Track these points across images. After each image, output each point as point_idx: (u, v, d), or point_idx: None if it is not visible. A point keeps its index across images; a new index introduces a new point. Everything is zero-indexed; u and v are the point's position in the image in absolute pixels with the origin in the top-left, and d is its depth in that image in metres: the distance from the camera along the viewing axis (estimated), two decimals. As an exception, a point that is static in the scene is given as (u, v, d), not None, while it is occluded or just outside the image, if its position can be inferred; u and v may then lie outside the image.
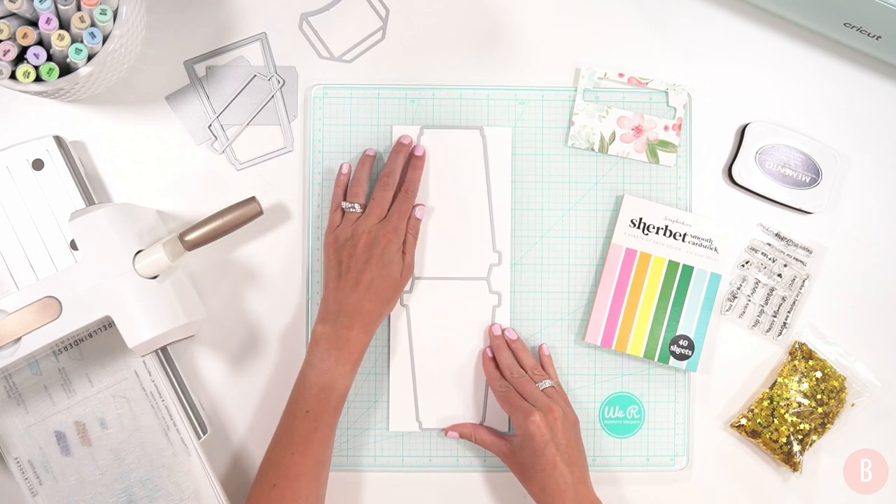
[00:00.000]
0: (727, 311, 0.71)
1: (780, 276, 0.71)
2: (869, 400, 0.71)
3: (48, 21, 0.59)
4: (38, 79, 0.60)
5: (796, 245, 0.71)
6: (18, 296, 0.58)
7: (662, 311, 0.70)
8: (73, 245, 0.66)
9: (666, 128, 0.71)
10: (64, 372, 0.66)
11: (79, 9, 0.60)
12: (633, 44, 0.72)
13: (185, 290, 0.66)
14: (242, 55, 0.71)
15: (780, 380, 0.70)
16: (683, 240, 0.70)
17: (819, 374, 0.70)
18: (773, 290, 0.71)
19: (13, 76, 0.60)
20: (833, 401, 0.69)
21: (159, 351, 0.67)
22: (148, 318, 0.59)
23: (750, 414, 0.70)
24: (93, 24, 0.60)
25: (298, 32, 0.71)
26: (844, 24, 0.67)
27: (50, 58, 0.61)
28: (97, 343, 0.67)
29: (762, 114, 0.72)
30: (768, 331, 0.71)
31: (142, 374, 0.67)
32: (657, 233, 0.70)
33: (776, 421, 0.69)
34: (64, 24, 0.61)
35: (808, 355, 0.70)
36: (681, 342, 0.70)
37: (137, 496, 0.66)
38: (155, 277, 0.61)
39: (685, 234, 0.70)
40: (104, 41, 0.61)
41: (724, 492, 0.71)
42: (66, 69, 0.61)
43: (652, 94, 0.71)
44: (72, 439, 0.66)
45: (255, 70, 0.71)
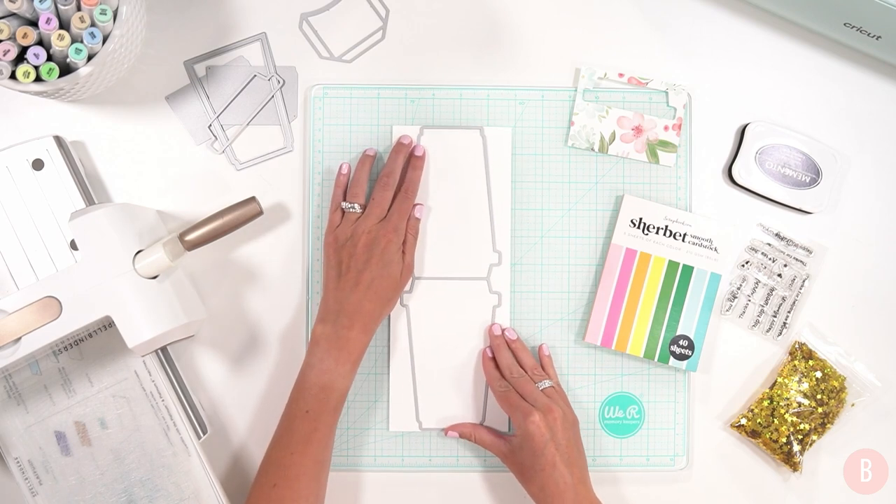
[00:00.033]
0: (727, 311, 0.71)
1: (780, 276, 0.71)
2: (869, 400, 0.71)
3: (48, 21, 0.59)
4: (38, 79, 0.60)
5: (796, 245, 0.71)
6: (18, 296, 0.58)
7: (662, 311, 0.70)
8: (73, 245, 0.66)
9: (666, 128, 0.71)
10: (64, 372, 0.66)
11: (79, 9, 0.60)
12: (633, 44, 0.72)
13: (185, 290, 0.66)
14: (242, 55, 0.71)
15: (780, 380, 0.70)
16: (683, 240, 0.70)
17: (819, 374, 0.70)
18: (773, 290, 0.71)
19: (13, 76, 0.60)
20: (833, 401, 0.69)
21: (159, 351, 0.67)
22: (148, 318, 0.59)
23: (750, 414, 0.70)
24: (93, 24, 0.60)
25: (298, 32, 0.71)
26: (844, 24, 0.67)
27: (50, 58, 0.61)
28: (97, 343, 0.67)
29: (762, 114, 0.72)
30: (768, 331, 0.71)
31: (142, 374, 0.67)
32: (657, 233, 0.70)
33: (776, 421, 0.69)
34: (64, 24, 0.61)
35: (808, 355, 0.70)
36: (681, 342, 0.70)
37: (137, 496, 0.66)
38: (155, 277, 0.61)
39: (685, 234, 0.70)
40: (104, 41, 0.61)
41: (724, 492, 0.71)
42: (66, 69, 0.61)
43: (652, 94, 0.71)
44: (72, 439, 0.66)
45: (255, 70, 0.71)
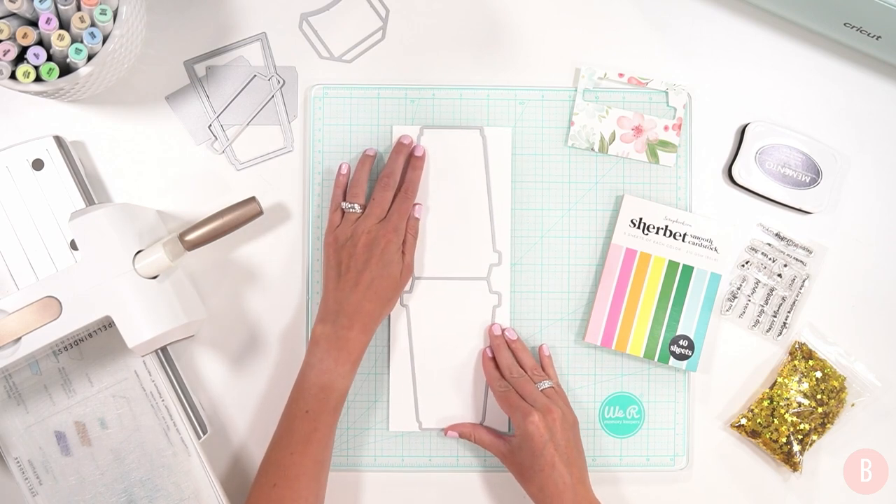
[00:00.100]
0: (727, 311, 0.71)
1: (780, 276, 0.71)
2: (869, 400, 0.71)
3: (48, 21, 0.59)
4: (38, 79, 0.60)
5: (796, 245, 0.71)
6: (18, 296, 0.58)
7: (662, 311, 0.70)
8: (73, 245, 0.66)
9: (666, 128, 0.71)
10: (64, 372, 0.66)
11: (79, 9, 0.60)
12: (633, 44, 0.72)
13: (185, 290, 0.66)
14: (242, 55, 0.71)
15: (780, 380, 0.70)
16: (683, 240, 0.70)
17: (819, 374, 0.70)
18: (773, 290, 0.71)
19: (13, 76, 0.60)
20: (833, 401, 0.69)
21: (159, 351, 0.67)
22: (148, 318, 0.59)
23: (750, 414, 0.70)
24: (93, 24, 0.60)
25: (298, 32, 0.71)
26: (844, 24, 0.67)
27: (50, 58, 0.61)
28: (97, 343, 0.67)
29: (762, 114, 0.72)
30: (768, 331, 0.71)
31: (142, 374, 0.67)
32: (657, 233, 0.70)
33: (776, 421, 0.69)
34: (64, 24, 0.61)
35: (808, 355, 0.70)
36: (681, 342, 0.70)
37: (137, 496, 0.66)
38: (155, 277, 0.61)
39: (685, 234, 0.70)
40: (104, 41, 0.61)
41: (724, 492, 0.71)
42: (66, 69, 0.61)
43: (652, 94, 0.71)
44: (72, 439, 0.66)
45: (255, 70, 0.71)
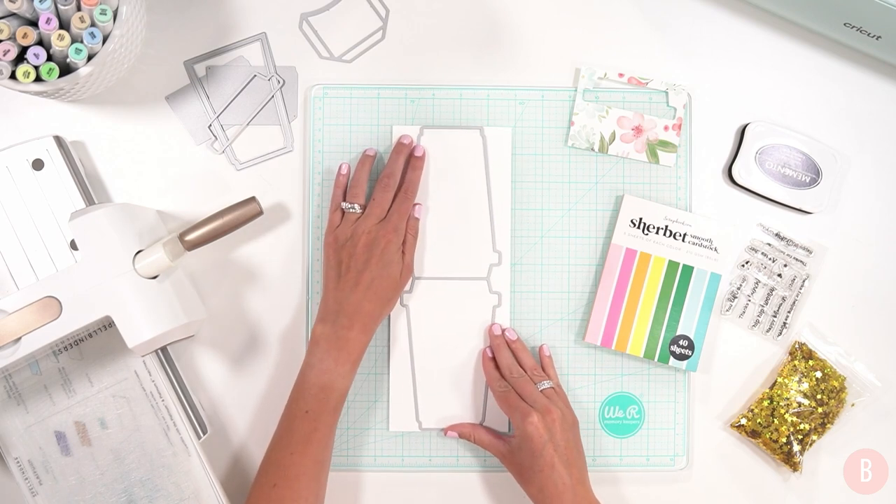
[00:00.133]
0: (727, 311, 0.71)
1: (780, 276, 0.71)
2: (869, 400, 0.71)
3: (48, 21, 0.59)
4: (38, 79, 0.60)
5: (796, 245, 0.71)
6: (18, 296, 0.58)
7: (662, 311, 0.70)
8: (73, 245, 0.66)
9: (666, 128, 0.71)
10: (64, 372, 0.66)
11: (79, 9, 0.60)
12: (633, 44, 0.72)
13: (185, 290, 0.66)
14: (242, 55, 0.71)
15: (780, 380, 0.70)
16: (683, 240, 0.70)
17: (819, 374, 0.70)
18: (773, 290, 0.71)
19: (13, 76, 0.60)
20: (833, 401, 0.69)
21: (159, 351, 0.67)
22: (148, 318, 0.59)
23: (750, 414, 0.70)
24: (93, 24, 0.60)
25: (298, 32, 0.71)
26: (844, 24, 0.67)
27: (50, 58, 0.61)
28: (97, 343, 0.67)
29: (762, 114, 0.72)
30: (768, 331, 0.71)
31: (142, 374, 0.67)
32: (657, 233, 0.70)
33: (776, 421, 0.69)
34: (64, 24, 0.61)
35: (808, 355, 0.70)
36: (681, 342, 0.70)
37: (137, 496, 0.66)
38: (155, 277, 0.61)
39: (685, 234, 0.70)
40: (104, 41, 0.61)
41: (724, 492, 0.71)
42: (66, 69, 0.61)
43: (652, 94, 0.71)
44: (72, 439, 0.66)
45: (255, 70, 0.71)
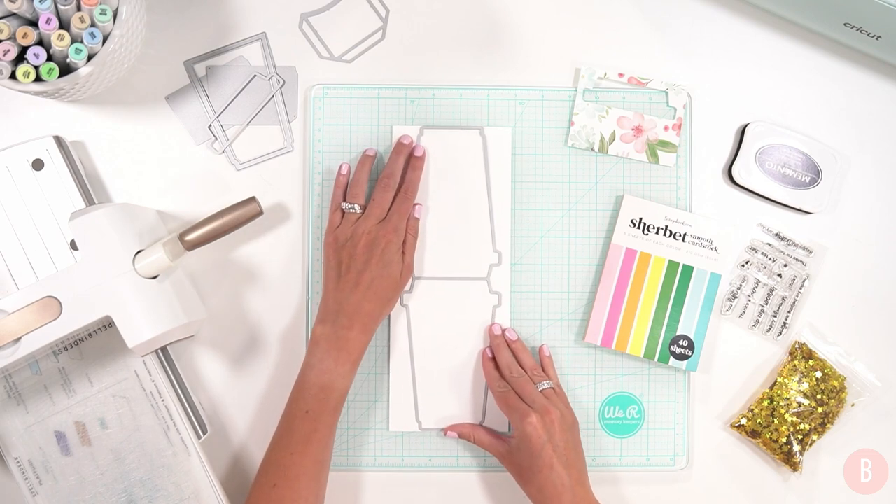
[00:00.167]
0: (727, 311, 0.71)
1: (780, 276, 0.71)
2: (869, 400, 0.71)
3: (48, 21, 0.59)
4: (38, 79, 0.60)
5: (796, 245, 0.71)
6: (18, 296, 0.58)
7: (662, 311, 0.70)
8: (73, 245, 0.66)
9: (666, 128, 0.71)
10: (64, 372, 0.66)
11: (79, 9, 0.60)
12: (633, 44, 0.72)
13: (185, 290, 0.66)
14: (242, 55, 0.71)
15: (780, 380, 0.70)
16: (683, 240, 0.70)
17: (819, 374, 0.70)
18: (773, 290, 0.71)
19: (13, 76, 0.60)
20: (833, 401, 0.69)
21: (159, 351, 0.67)
22: (148, 318, 0.59)
23: (750, 414, 0.70)
24: (93, 24, 0.60)
25: (298, 32, 0.71)
26: (844, 24, 0.67)
27: (50, 58, 0.61)
28: (97, 343, 0.67)
29: (762, 114, 0.72)
30: (768, 331, 0.71)
31: (142, 374, 0.67)
32: (657, 233, 0.70)
33: (776, 421, 0.69)
34: (64, 24, 0.61)
35: (808, 355, 0.70)
36: (681, 342, 0.70)
37: (137, 496, 0.66)
38: (155, 277, 0.61)
39: (685, 234, 0.70)
40: (104, 41, 0.61)
41: (724, 492, 0.71)
42: (66, 69, 0.61)
43: (652, 94, 0.71)
44: (72, 439, 0.66)
45: (255, 70, 0.71)
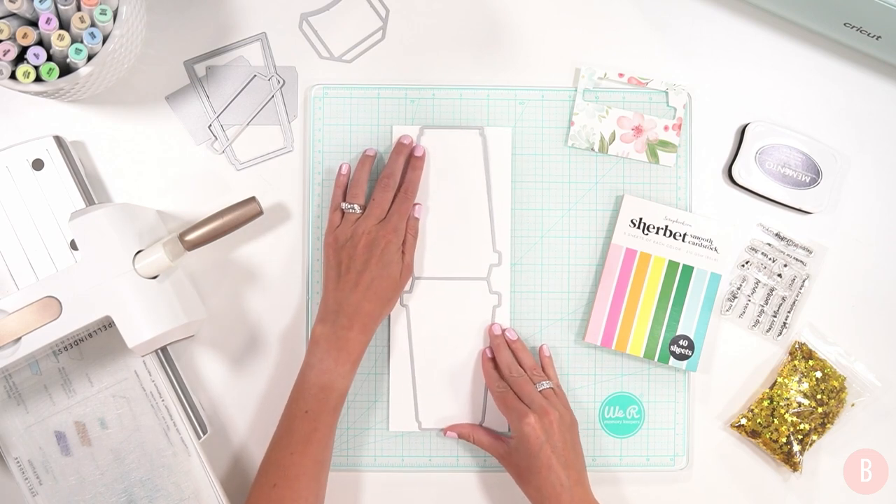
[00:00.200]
0: (727, 311, 0.71)
1: (780, 276, 0.71)
2: (869, 400, 0.71)
3: (48, 21, 0.59)
4: (38, 79, 0.60)
5: (796, 245, 0.71)
6: (18, 296, 0.58)
7: (662, 311, 0.70)
8: (73, 245, 0.66)
9: (666, 128, 0.71)
10: (64, 372, 0.66)
11: (79, 9, 0.60)
12: (633, 44, 0.72)
13: (185, 290, 0.66)
14: (242, 55, 0.71)
15: (780, 380, 0.70)
16: (683, 240, 0.70)
17: (819, 374, 0.70)
18: (773, 290, 0.71)
19: (13, 76, 0.60)
20: (833, 401, 0.69)
21: (159, 351, 0.67)
22: (148, 318, 0.59)
23: (750, 414, 0.70)
24: (93, 24, 0.60)
25: (298, 32, 0.71)
26: (844, 24, 0.67)
27: (50, 58, 0.61)
28: (97, 343, 0.67)
29: (762, 114, 0.72)
30: (768, 331, 0.71)
31: (142, 374, 0.67)
32: (657, 233, 0.70)
33: (776, 421, 0.69)
34: (64, 24, 0.61)
35: (808, 355, 0.70)
36: (681, 342, 0.70)
37: (137, 496, 0.66)
38: (155, 277, 0.61)
39: (685, 234, 0.70)
40: (104, 41, 0.61)
41: (724, 492, 0.71)
42: (66, 69, 0.61)
43: (652, 94, 0.71)
44: (72, 439, 0.66)
45: (255, 70, 0.71)
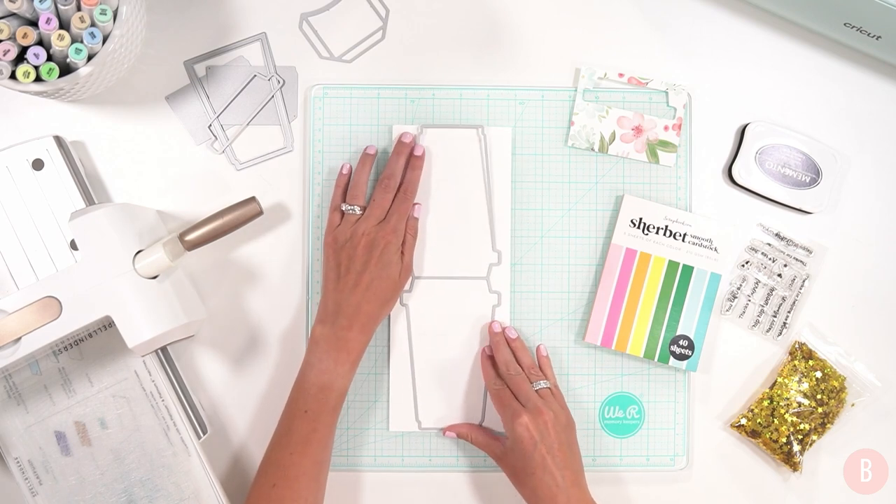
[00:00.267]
0: (727, 311, 0.71)
1: (780, 276, 0.71)
2: (869, 400, 0.71)
3: (48, 21, 0.59)
4: (38, 79, 0.60)
5: (796, 245, 0.71)
6: (18, 296, 0.58)
7: (662, 311, 0.70)
8: (73, 245, 0.66)
9: (666, 128, 0.71)
10: (64, 372, 0.66)
11: (79, 9, 0.60)
12: (633, 44, 0.72)
13: (185, 290, 0.66)
14: (242, 55, 0.71)
15: (780, 380, 0.70)
16: (683, 240, 0.70)
17: (819, 374, 0.70)
18: (773, 290, 0.71)
19: (13, 76, 0.60)
20: (833, 401, 0.69)
21: (159, 351, 0.67)
22: (148, 318, 0.59)
23: (750, 414, 0.70)
24: (93, 24, 0.60)
25: (298, 32, 0.71)
26: (844, 24, 0.67)
27: (50, 58, 0.61)
28: (97, 343, 0.67)
29: (762, 114, 0.72)
30: (768, 331, 0.71)
31: (142, 374, 0.67)
32: (657, 233, 0.70)
33: (776, 421, 0.69)
34: (64, 24, 0.61)
35: (808, 355, 0.70)
36: (681, 342, 0.70)
37: (137, 496, 0.66)
38: (155, 277, 0.61)
39: (685, 234, 0.70)
40: (104, 41, 0.61)
41: (724, 492, 0.71)
42: (66, 69, 0.61)
43: (652, 94, 0.71)
44: (72, 439, 0.66)
45: (255, 70, 0.71)
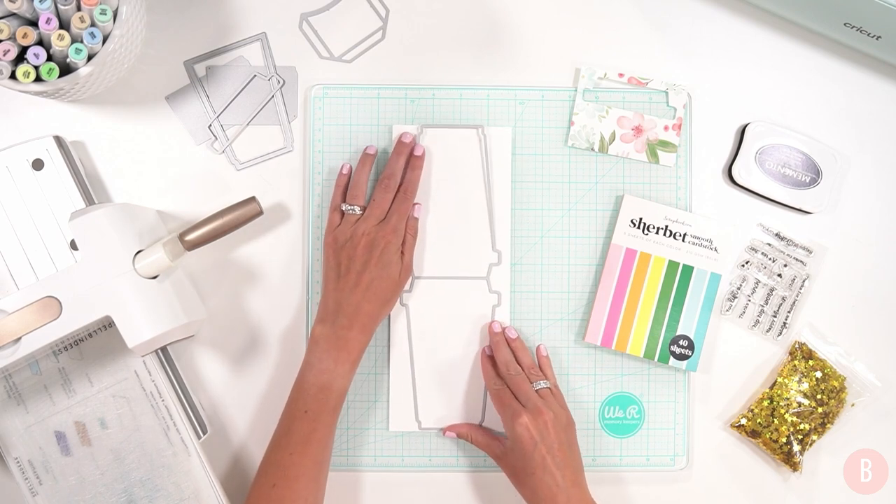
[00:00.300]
0: (727, 311, 0.71)
1: (780, 276, 0.71)
2: (869, 400, 0.71)
3: (48, 21, 0.59)
4: (38, 79, 0.60)
5: (796, 245, 0.71)
6: (18, 296, 0.58)
7: (662, 311, 0.70)
8: (73, 245, 0.66)
9: (666, 128, 0.71)
10: (64, 372, 0.66)
11: (79, 9, 0.60)
12: (633, 44, 0.72)
13: (185, 290, 0.66)
14: (242, 55, 0.71)
15: (780, 380, 0.70)
16: (683, 240, 0.70)
17: (819, 374, 0.70)
18: (773, 290, 0.71)
19: (13, 76, 0.60)
20: (833, 401, 0.69)
21: (159, 351, 0.67)
22: (148, 318, 0.59)
23: (750, 414, 0.70)
24: (93, 24, 0.60)
25: (298, 32, 0.71)
26: (844, 24, 0.67)
27: (50, 58, 0.61)
28: (97, 343, 0.67)
29: (762, 114, 0.72)
30: (768, 331, 0.71)
31: (142, 374, 0.67)
32: (657, 233, 0.70)
33: (776, 421, 0.69)
34: (64, 24, 0.61)
35: (808, 355, 0.70)
36: (681, 342, 0.70)
37: (137, 496, 0.66)
38: (155, 277, 0.61)
39: (685, 234, 0.70)
40: (104, 41, 0.61)
41: (724, 492, 0.71)
42: (66, 69, 0.61)
43: (652, 94, 0.71)
44: (72, 439, 0.66)
45: (255, 70, 0.71)
